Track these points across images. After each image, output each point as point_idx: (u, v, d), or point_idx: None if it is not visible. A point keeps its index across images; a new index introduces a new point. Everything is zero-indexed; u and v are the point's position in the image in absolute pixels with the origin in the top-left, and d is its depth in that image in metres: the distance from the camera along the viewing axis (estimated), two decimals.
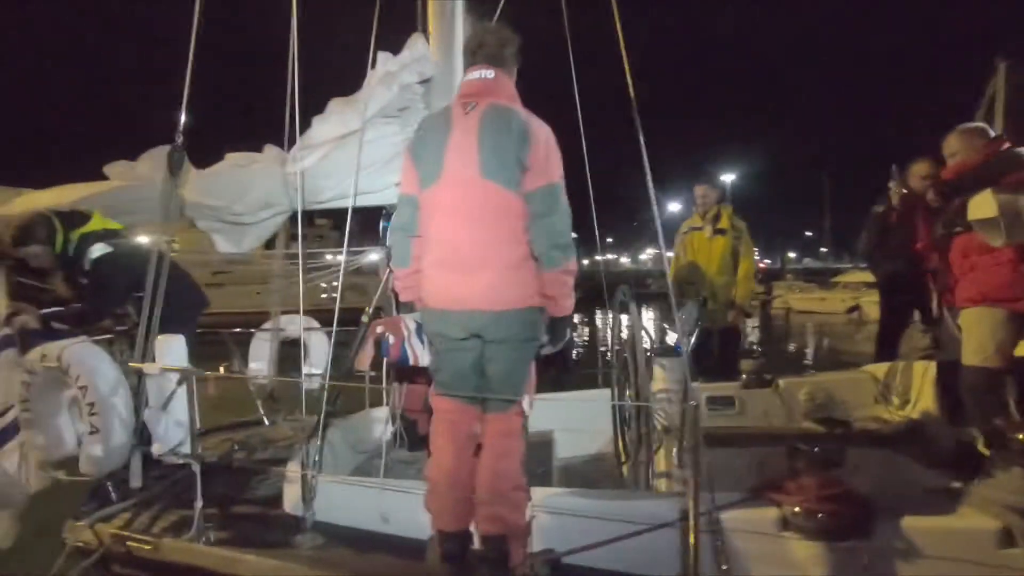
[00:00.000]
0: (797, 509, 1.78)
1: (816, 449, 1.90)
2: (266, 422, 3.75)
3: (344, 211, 3.06)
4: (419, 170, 1.93)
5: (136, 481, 2.41)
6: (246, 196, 3.05)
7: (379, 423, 3.58)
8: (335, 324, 2.73)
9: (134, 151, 3.28)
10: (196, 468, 2.24)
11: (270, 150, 3.16)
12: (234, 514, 2.48)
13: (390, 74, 2.87)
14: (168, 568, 2.26)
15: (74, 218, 2.88)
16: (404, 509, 2.24)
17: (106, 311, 2.80)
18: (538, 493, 2.06)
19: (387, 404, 3.41)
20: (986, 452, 2.31)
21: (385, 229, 3.51)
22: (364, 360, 3.73)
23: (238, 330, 4.00)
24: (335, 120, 2.85)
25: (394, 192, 3.20)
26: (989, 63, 5.04)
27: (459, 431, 1.92)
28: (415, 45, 2.92)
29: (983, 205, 2.52)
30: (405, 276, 1.99)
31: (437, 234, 1.89)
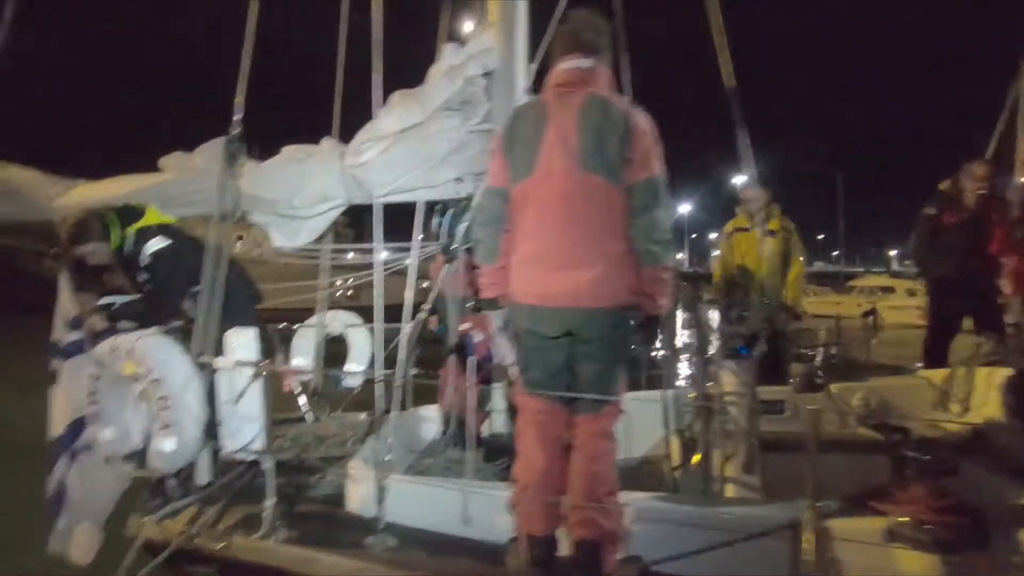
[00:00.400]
0: (907, 519, 1.71)
1: (928, 458, 1.83)
2: (309, 419, 3.71)
3: (365, 208, 3.00)
4: (511, 162, 1.87)
5: (205, 477, 2.37)
6: (304, 189, 3.00)
7: (427, 422, 3.53)
8: (372, 321, 2.67)
9: (180, 145, 3.25)
10: (269, 465, 2.19)
11: (327, 143, 3.11)
12: (298, 513, 2.43)
13: (455, 67, 2.81)
14: (237, 566, 2.21)
15: (129, 213, 2.84)
16: (479, 511, 2.19)
17: (166, 306, 2.76)
18: (620, 498, 2.00)
19: (439, 403, 3.38)
20: None
21: (439, 225, 3.47)
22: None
23: (282, 325, 3.96)
24: (399, 113, 2.79)
25: (452, 187, 3.15)
26: (1013, 64, 4.94)
27: (550, 432, 1.86)
28: (480, 37, 2.86)
29: None
30: (493, 272, 1.93)
31: (531, 228, 1.82)
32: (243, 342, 2.32)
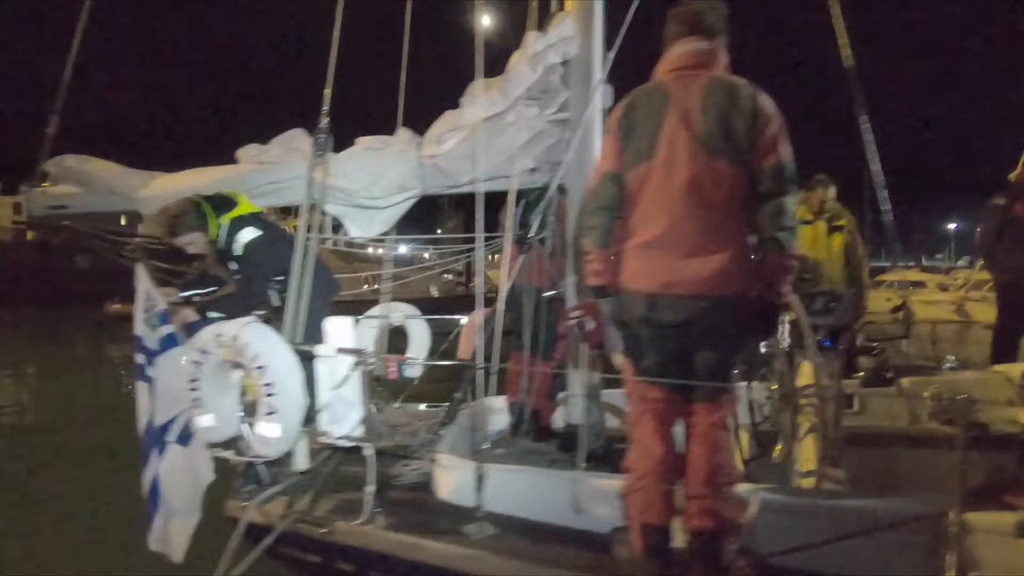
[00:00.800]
0: None
1: None
2: (372, 409, 3.74)
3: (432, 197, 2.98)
4: (628, 147, 1.84)
5: (303, 463, 2.40)
6: (382, 179, 3.02)
7: (496, 413, 3.53)
8: (435, 312, 2.66)
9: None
10: (370, 452, 2.21)
11: (403, 133, 3.12)
12: (388, 500, 2.45)
13: (536, 54, 2.79)
14: (340, 551, 2.24)
15: (222, 203, 2.88)
16: (578, 500, 2.18)
17: (256, 295, 2.79)
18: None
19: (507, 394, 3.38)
20: None
21: (520, 215, 3.47)
22: (467, 349, 3.69)
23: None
24: (482, 102, 2.78)
25: (528, 176, 3.14)
26: None
27: (666, 421, 1.84)
28: (562, 24, 2.84)
29: None
30: (604, 259, 1.90)
31: (651, 214, 1.79)
32: (342, 330, 2.34)
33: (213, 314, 2.70)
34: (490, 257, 4.26)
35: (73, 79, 3.29)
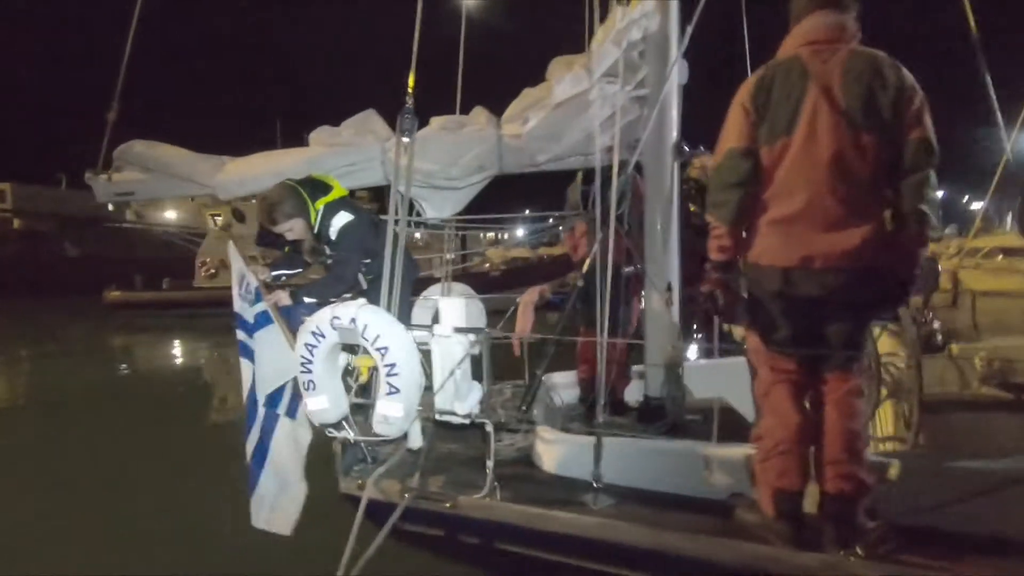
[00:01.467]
0: None
1: None
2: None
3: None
4: (765, 122, 1.86)
5: (417, 442, 2.45)
6: (460, 160, 3.02)
7: (565, 388, 3.60)
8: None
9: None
10: (490, 428, 2.27)
11: (479, 112, 3.12)
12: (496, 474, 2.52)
13: (620, 31, 2.79)
14: (461, 524, 2.31)
15: (317, 187, 2.86)
16: (689, 469, 2.26)
17: (349, 279, 2.81)
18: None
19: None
20: None
21: (585, 194, 3.48)
22: (524, 327, 3.74)
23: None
24: (568, 79, 2.78)
25: (606, 155, 3.15)
26: None
27: (801, 390, 1.91)
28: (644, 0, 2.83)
29: None
30: (734, 235, 1.94)
31: (791, 189, 1.82)
32: (457, 309, 2.37)
33: (307, 299, 2.72)
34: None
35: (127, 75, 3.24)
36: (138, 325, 15.21)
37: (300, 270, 3.03)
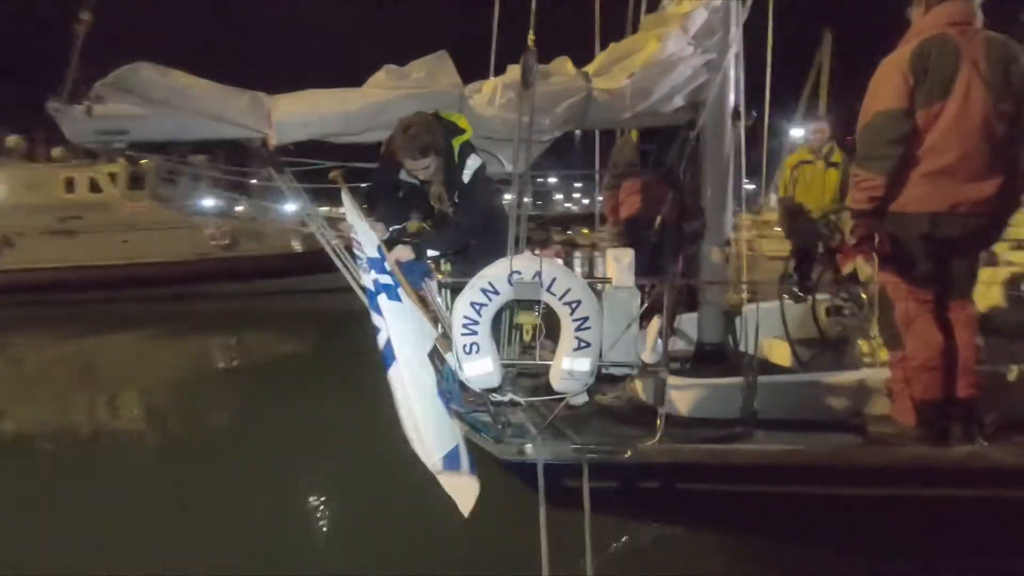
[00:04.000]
0: None
1: None
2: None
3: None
4: (923, 87, 2.16)
5: (583, 397, 2.38)
6: (550, 112, 2.89)
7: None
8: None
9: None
10: (665, 376, 2.31)
11: (563, 62, 3.01)
12: (621, 420, 2.56)
13: None
14: (638, 471, 2.34)
15: (451, 125, 2.51)
16: (819, 397, 2.57)
17: (478, 231, 2.53)
18: None
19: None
20: None
21: (644, 152, 3.54)
22: None
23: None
24: (672, 37, 2.81)
25: (674, 116, 3.27)
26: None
27: (939, 317, 2.29)
28: None
29: None
30: (885, 186, 2.23)
31: (945, 146, 2.16)
32: (627, 261, 2.31)
33: (431, 252, 2.43)
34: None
35: None
36: None
37: (404, 225, 2.66)
